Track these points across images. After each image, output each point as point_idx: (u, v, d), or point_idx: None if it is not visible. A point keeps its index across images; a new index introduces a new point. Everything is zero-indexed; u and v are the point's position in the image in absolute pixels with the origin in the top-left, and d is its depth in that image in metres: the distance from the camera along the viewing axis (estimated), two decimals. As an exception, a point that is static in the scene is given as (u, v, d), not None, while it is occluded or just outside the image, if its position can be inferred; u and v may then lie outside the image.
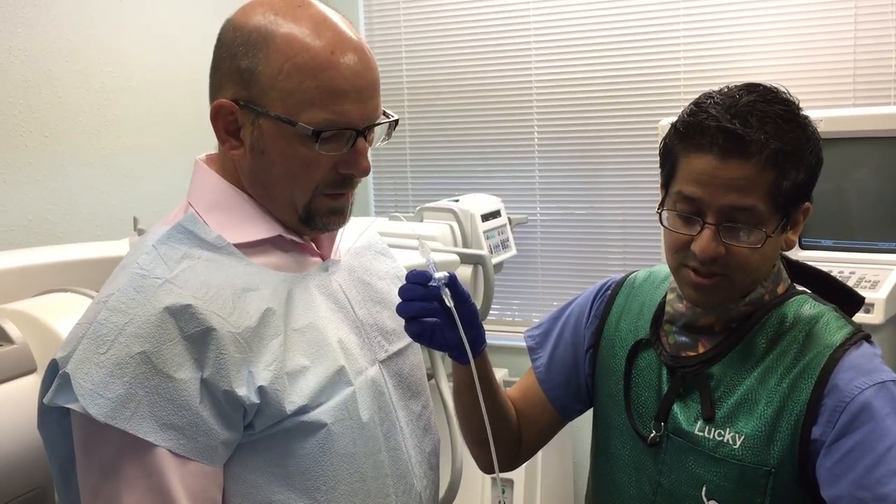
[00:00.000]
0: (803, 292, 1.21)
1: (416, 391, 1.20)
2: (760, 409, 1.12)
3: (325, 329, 1.06)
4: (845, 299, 1.23)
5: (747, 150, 1.07)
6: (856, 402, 1.06)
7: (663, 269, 1.32)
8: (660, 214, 1.16)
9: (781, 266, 1.22)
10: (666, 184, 1.18)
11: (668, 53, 2.90)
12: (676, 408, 1.19)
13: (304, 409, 0.99)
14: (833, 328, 1.13)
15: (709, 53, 2.85)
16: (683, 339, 1.22)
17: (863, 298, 1.25)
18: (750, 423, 1.12)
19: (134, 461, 0.92)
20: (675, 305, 1.22)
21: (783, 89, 1.14)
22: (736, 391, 1.15)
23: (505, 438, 1.33)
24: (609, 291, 1.37)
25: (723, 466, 1.13)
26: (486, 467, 1.31)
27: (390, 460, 1.10)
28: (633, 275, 1.38)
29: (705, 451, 1.15)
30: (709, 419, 1.15)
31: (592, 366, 1.35)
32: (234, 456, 0.99)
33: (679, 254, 1.15)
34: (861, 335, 1.13)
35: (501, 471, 1.27)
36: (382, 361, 1.14)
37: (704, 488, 1.15)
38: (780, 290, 1.20)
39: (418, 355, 1.25)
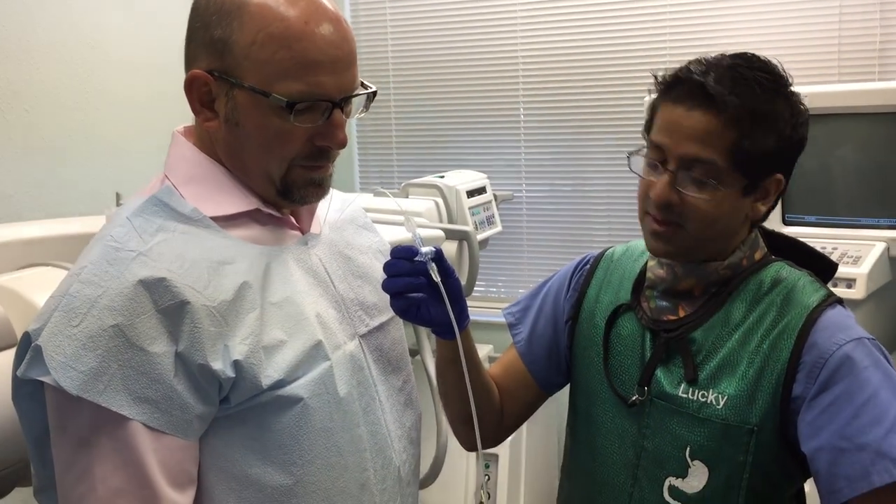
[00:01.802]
0: (779, 260, 1.24)
1: (397, 366, 1.20)
2: (742, 369, 1.15)
3: (302, 303, 1.05)
4: (820, 267, 1.26)
5: (711, 104, 1.11)
6: (835, 357, 1.10)
7: (640, 243, 1.35)
8: (629, 157, 1.22)
9: (758, 234, 1.25)
10: (646, 138, 1.23)
11: (655, 30, 2.89)
12: (659, 372, 1.22)
13: (280, 384, 0.99)
14: (809, 291, 1.17)
15: (695, 30, 2.84)
16: (664, 303, 1.24)
17: (836, 265, 1.29)
18: (732, 384, 1.15)
19: (107, 434, 0.92)
20: (656, 271, 1.25)
21: (777, 63, 1.17)
22: (718, 354, 1.18)
23: (488, 415, 1.34)
24: (588, 266, 1.40)
25: (707, 426, 1.16)
26: (469, 445, 1.33)
27: (369, 435, 1.10)
28: (610, 250, 1.41)
29: (689, 412, 1.18)
30: (692, 381, 1.18)
31: (571, 337, 1.37)
32: (210, 430, 0.99)
33: (643, 201, 1.21)
34: (835, 298, 1.17)
35: (484, 447, 1.28)
36: (363, 336, 1.14)
37: (688, 449, 1.18)
38: (758, 256, 1.23)
39: (400, 330, 1.25)
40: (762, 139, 1.13)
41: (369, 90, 1.08)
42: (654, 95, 1.21)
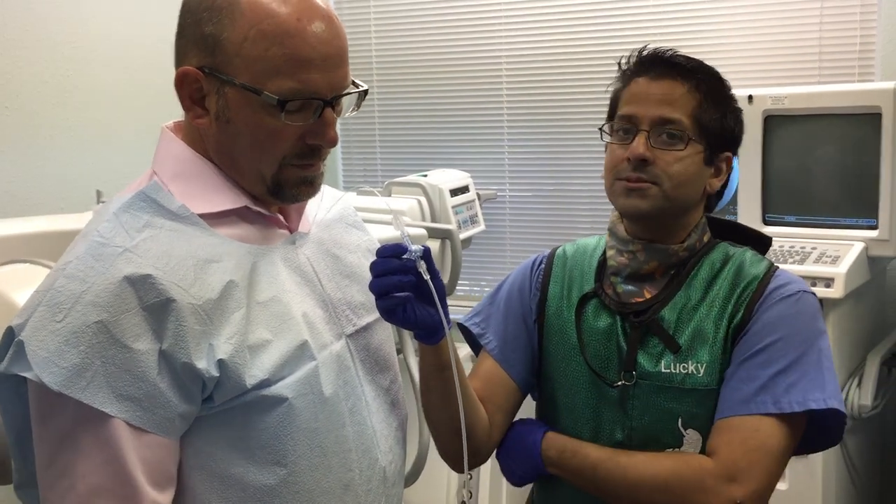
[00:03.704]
0: (722, 241, 1.36)
1: (384, 366, 1.20)
2: (711, 338, 1.26)
3: (289, 303, 1.04)
4: (756, 242, 1.39)
5: (676, 72, 1.27)
6: (766, 293, 1.26)
7: (588, 240, 1.44)
8: (601, 132, 1.32)
9: (705, 219, 1.36)
10: (611, 118, 1.33)
11: (638, 31, 2.91)
12: (639, 355, 1.28)
13: (265, 383, 0.98)
14: (755, 262, 1.31)
15: (677, 30, 2.86)
16: (630, 287, 1.32)
17: (770, 239, 1.41)
18: (706, 352, 1.25)
19: (89, 431, 0.91)
20: (618, 258, 1.32)
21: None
22: (687, 327, 1.27)
23: (478, 427, 1.31)
24: (543, 265, 1.44)
25: (693, 395, 1.25)
26: (458, 463, 1.28)
27: (354, 435, 1.10)
28: (559, 249, 1.46)
29: (675, 385, 1.25)
30: (676, 351, 1.26)
31: (540, 335, 1.39)
32: (193, 428, 0.98)
33: (615, 169, 1.29)
34: (775, 266, 1.31)
35: (477, 463, 1.32)
36: (349, 336, 1.13)
37: (680, 419, 1.25)
38: (706, 239, 1.34)
39: (387, 330, 1.24)
40: (715, 112, 1.27)
41: (360, 88, 1.07)
42: (613, 88, 1.33)
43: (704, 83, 1.27)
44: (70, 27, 2.40)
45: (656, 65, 1.28)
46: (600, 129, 1.33)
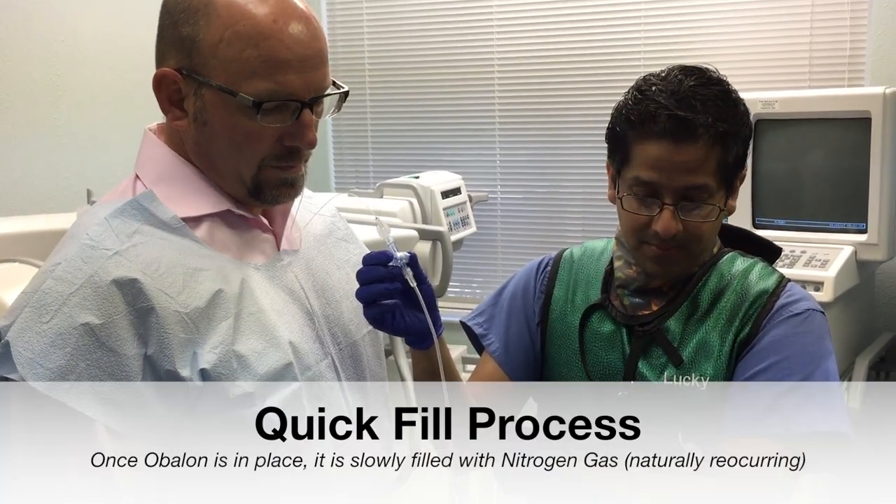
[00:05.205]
0: (732, 250, 1.32)
1: (375, 380, 1.19)
2: (716, 352, 1.24)
3: (276, 322, 1.04)
4: (766, 251, 1.36)
5: (696, 133, 1.17)
6: (775, 309, 1.23)
7: (595, 243, 1.41)
8: (620, 200, 1.24)
9: None
10: (619, 169, 1.26)
11: (628, 33, 2.92)
12: (641, 365, 1.26)
13: (248, 400, 0.98)
14: (764, 275, 1.27)
15: (668, 33, 2.87)
16: (637, 300, 1.30)
17: (780, 249, 1.38)
18: (711, 366, 1.24)
19: (73, 433, 0.91)
20: (625, 271, 1.30)
21: (713, 69, 1.24)
22: (692, 339, 1.25)
23: None
24: (549, 267, 1.42)
25: (695, 410, 1.23)
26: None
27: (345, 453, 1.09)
28: (567, 251, 1.44)
29: (676, 398, 1.24)
30: (678, 364, 1.24)
31: (543, 339, 1.38)
32: (176, 437, 0.97)
33: (639, 233, 1.24)
34: (786, 280, 1.28)
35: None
36: (336, 354, 1.12)
37: (681, 434, 1.23)
38: (715, 249, 1.31)
39: (377, 344, 1.23)
40: (735, 148, 1.21)
41: (341, 90, 1.06)
42: (619, 129, 1.23)
43: (722, 130, 1.18)
44: (62, 26, 2.39)
45: (671, 125, 1.17)
46: (621, 197, 1.24)
